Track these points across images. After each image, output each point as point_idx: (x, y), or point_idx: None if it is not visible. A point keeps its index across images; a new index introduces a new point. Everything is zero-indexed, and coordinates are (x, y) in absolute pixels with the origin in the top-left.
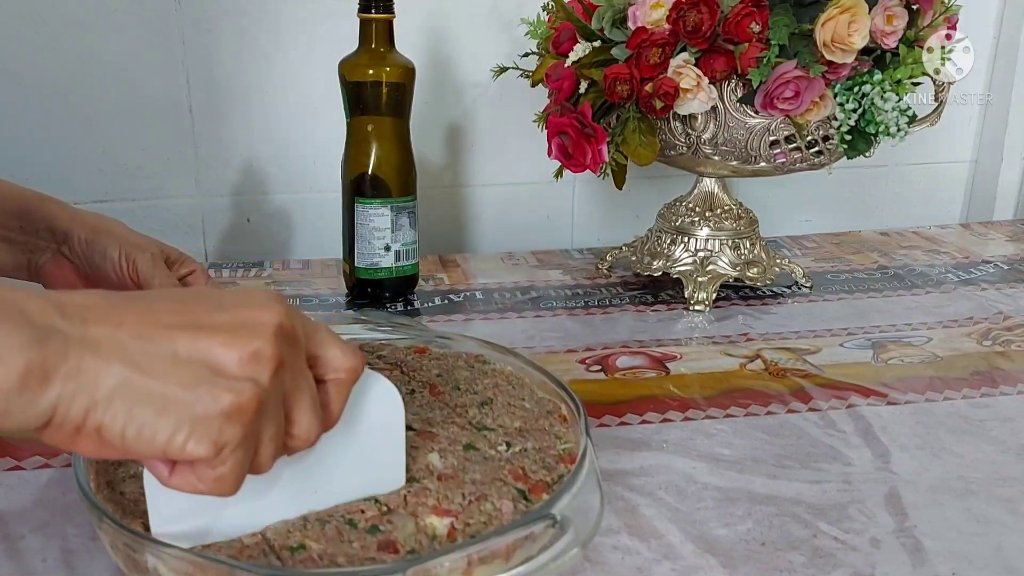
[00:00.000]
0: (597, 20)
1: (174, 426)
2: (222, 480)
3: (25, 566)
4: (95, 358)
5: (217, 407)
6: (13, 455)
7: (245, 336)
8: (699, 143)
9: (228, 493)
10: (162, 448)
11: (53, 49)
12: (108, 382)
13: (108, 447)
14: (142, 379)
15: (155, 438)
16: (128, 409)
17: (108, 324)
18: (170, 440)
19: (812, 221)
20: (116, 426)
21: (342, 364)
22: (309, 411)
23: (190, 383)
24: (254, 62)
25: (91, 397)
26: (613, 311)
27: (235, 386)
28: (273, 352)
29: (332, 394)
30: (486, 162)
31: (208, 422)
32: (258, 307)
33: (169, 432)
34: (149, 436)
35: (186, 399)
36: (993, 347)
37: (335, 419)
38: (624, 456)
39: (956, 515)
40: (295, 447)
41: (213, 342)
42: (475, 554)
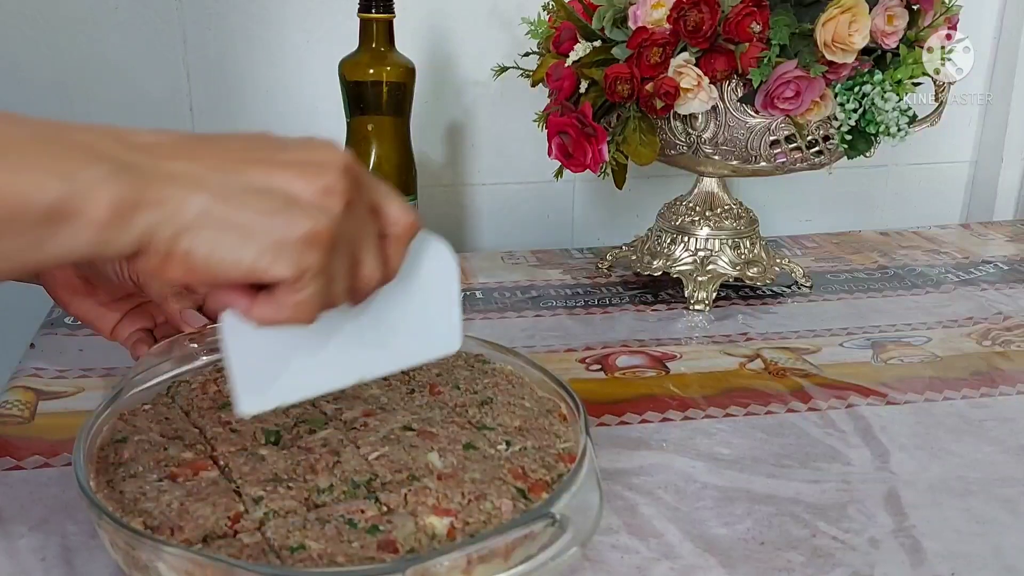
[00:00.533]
0: (598, 20)
1: (258, 249)
2: (301, 305)
3: (24, 564)
4: (176, 188)
5: (297, 232)
6: (13, 454)
7: (316, 171)
8: (699, 143)
9: (307, 320)
10: (248, 269)
11: (54, 47)
12: (191, 210)
13: (195, 272)
14: (223, 207)
15: (241, 260)
16: (213, 235)
17: (184, 159)
18: (255, 262)
19: (812, 221)
20: (203, 250)
21: (400, 219)
22: (373, 254)
23: (268, 211)
24: (255, 61)
25: (178, 224)
26: (613, 310)
27: (312, 213)
28: (344, 187)
29: (391, 247)
30: (486, 161)
31: (289, 246)
32: (326, 148)
33: (253, 255)
34: (234, 260)
35: (267, 224)
36: (993, 347)
37: (393, 272)
38: (624, 455)
39: (955, 515)
40: (360, 289)
41: (287, 175)
42: (475, 553)
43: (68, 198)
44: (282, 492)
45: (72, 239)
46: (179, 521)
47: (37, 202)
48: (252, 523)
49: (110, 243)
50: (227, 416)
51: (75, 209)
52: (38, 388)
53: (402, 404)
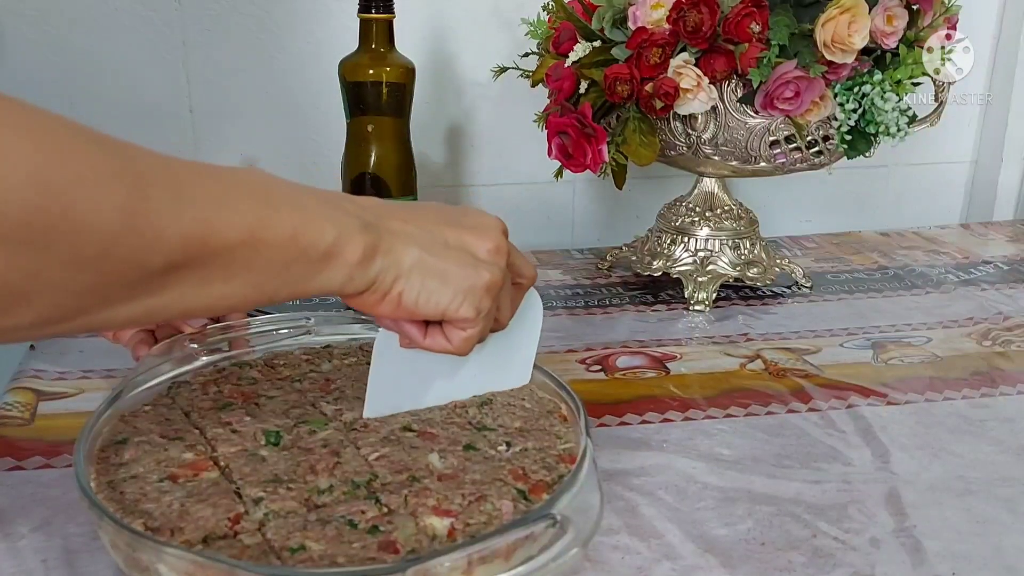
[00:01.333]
0: (597, 20)
1: (452, 294)
2: (468, 340)
3: (26, 565)
4: (398, 242)
5: (481, 282)
6: (14, 455)
7: (488, 233)
8: (699, 143)
9: (466, 352)
10: (443, 310)
11: (54, 49)
12: (409, 259)
13: (402, 309)
14: (431, 258)
15: (439, 303)
16: (421, 280)
17: (398, 219)
18: (449, 304)
19: (812, 221)
20: (413, 293)
21: (527, 272)
22: (509, 302)
23: (462, 263)
24: (254, 62)
25: (398, 270)
26: (613, 311)
27: (490, 268)
28: (506, 248)
29: (517, 294)
30: (486, 162)
31: (475, 293)
32: (486, 216)
33: (449, 298)
34: (435, 301)
35: (461, 275)
36: (993, 347)
37: (511, 316)
38: (624, 456)
39: (956, 515)
40: (496, 328)
41: (471, 236)
42: (475, 554)
43: (340, 242)
44: (282, 493)
45: (332, 275)
46: (179, 522)
47: (321, 243)
48: (252, 524)
49: (354, 280)
50: (227, 417)
51: (341, 251)
52: (39, 389)
53: None
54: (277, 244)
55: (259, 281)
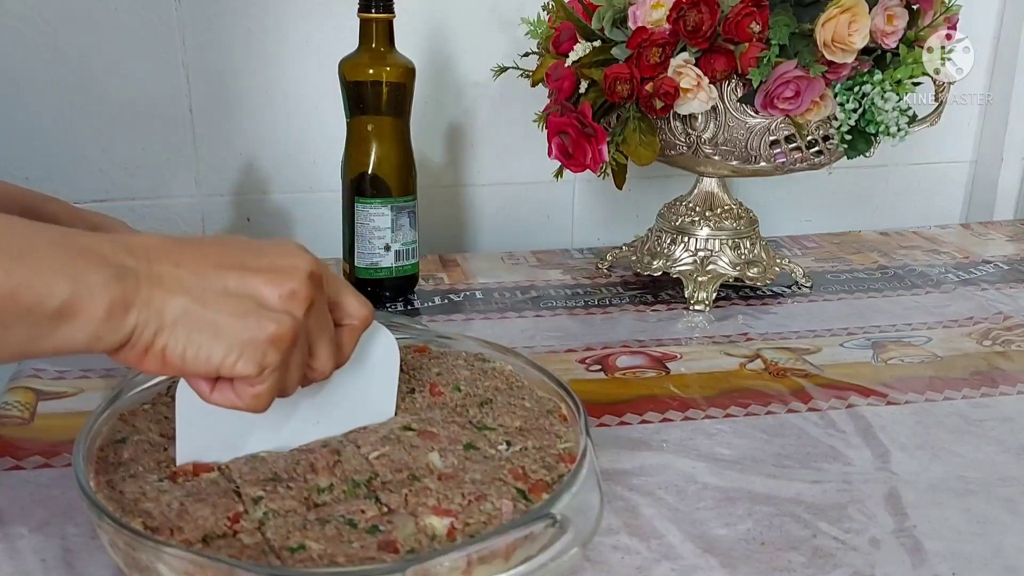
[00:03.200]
0: (597, 20)
1: (226, 349)
2: (259, 397)
3: (25, 565)
4: (162, 291)
5: (263, 334)
6: (13, 455)
7: (284, 277)
8: (699, 143)
9: (261, 409)
10: (216, 367)
11: (53, 49)
12: (173, 311)
13: (169, 366)
14: (200, 309)
15: (210, 359)
16: (188, 334)
17: (169, 263)
18: (223, 360)
19: (812, 221)
20: (178, 348)
21: (357, 312)
22: (328, 348)
23: (240, 313)
24: (254, 61)
25: (159, 323)
26: (613, 311)
27: (277, 317)
28: (307, 293)
29: (345, 337)
30: (486, 162)
31: (255, 346)
32: (293, 255)
33: (222, 354)
34: (205, 357)
35: (236, 327)
36: (993, 347)
37: (346, 358)
38: (624, 456)
39: (956, 515)
40: (313, 378)
41: (258, 280)
42: (475, 554)
43: (75, 299)
44: (282, 492)
45: (73, 334)
46: (179, 521)
47: (50, 301)
48: (252, 523)
49: (103, 338)
50: None
51: (78, 308)
52: (38, 389)
53: (403, 404)
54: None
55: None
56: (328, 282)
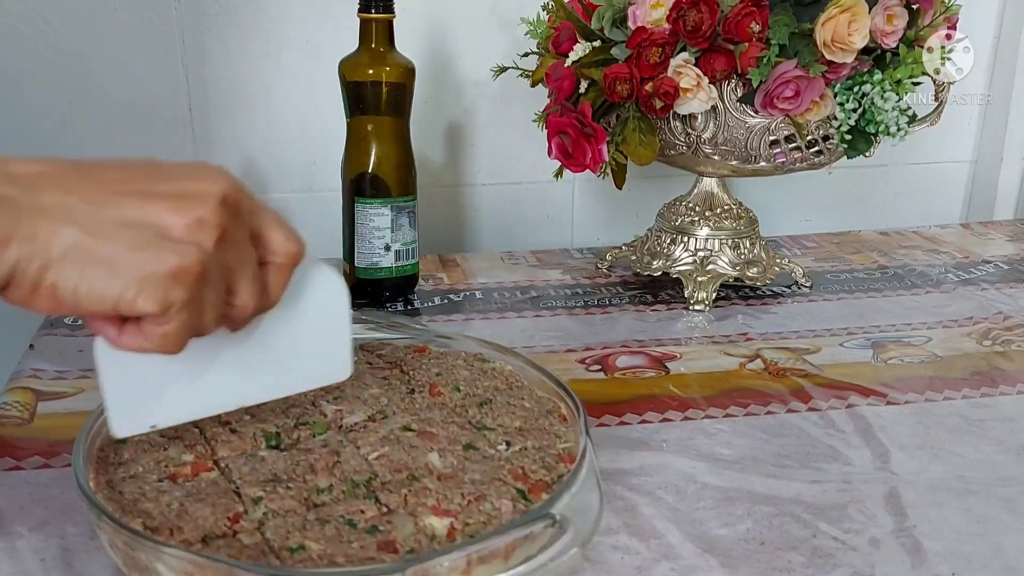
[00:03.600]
0: (597, 20)
1: (123, 284)
2: (167, 337)
3: (24, 565)
4: (47, 222)
5: (164, 267)
6: (13, 455)
7: (190, 203)
8: (699, 143)
9: (173, 350)
10: (112, 304)
11: (53, 48)
12: (60, 244)
13: (63, 304)
14: (92, 241)
15: (105, 295)
16: (80, 269)
17: (58, 191)
18: (120, 297)
19: (812, 221)
20: (69, 284)
21: (283, 248)
22: (248, 283)
23: (137, 245)
24: (254, 61)
25: (45, 258)
26: (613, 311)
27: (180, 249)
28: (217, 220)
29: (272, 276)
30: (486, 161)
31: (155, 281)
32: (204, 178)
33: (119, 290)
34: (99, 293)
35: (134, 260)
36: (993, 347)
37: (274, 301)
38: (624, 456)
39: (956, 515)
40: (235, 317)
41: (160, 208)
42: (474, 554)
43: None
44: (281, 492)
45: None
46: (178, 521)
47: None
48: (251, 523)
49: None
50: (227, 416)
51: None
52: (38, 389)
53: (402, 404)
54: None
55: None
56: (250, 211)
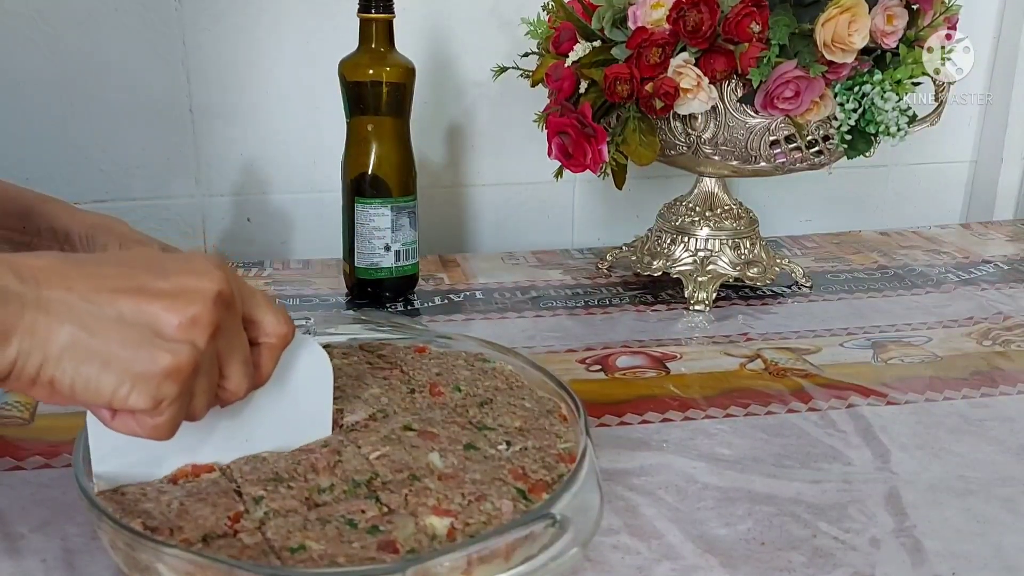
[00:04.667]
0: (597, 20)
1: (117, 382)
2: (159, 428)
3: (25, 565)
4: (47, 318)
5: (157, 367)
6: (13, 455)
7: (185, 302)
8: (699, 143)
9: (164, 438)
10: (107, 400)
11: (53, 48)
12: (59, 340)
13: (59, 396)
14: (88, 339)
15: (100, 391)
16: (76, 365)
17: (60, 287)
18: (114, 393)
19: (812, 221)
20: (66, 380)
21: (274, 330)
22: (240, 370)
23: (132, 344)
24: (254, 62)
25: (44, 354)
26: (613, 311)
27: (174, 348)
28: (211, 318)
29: (263, 356)
30: (486, 162)
31: (148, 379)
32: (199, 274)
33: (113, 387)
34: (95, 389)
35: (128, 358)
36: (993, 347)
37: (265, 378)
38: (624, 456)
39: (956, 515)
40: (227, 400)
41: (155, 307)
42: (475, 554)
43: None
44: (283, 492)
45: None
46: (179, 521)
47: None
48: (252, 523)
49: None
50: None
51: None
52: None
53: (403, 404)
54: None
55: None
56: (243, 299)
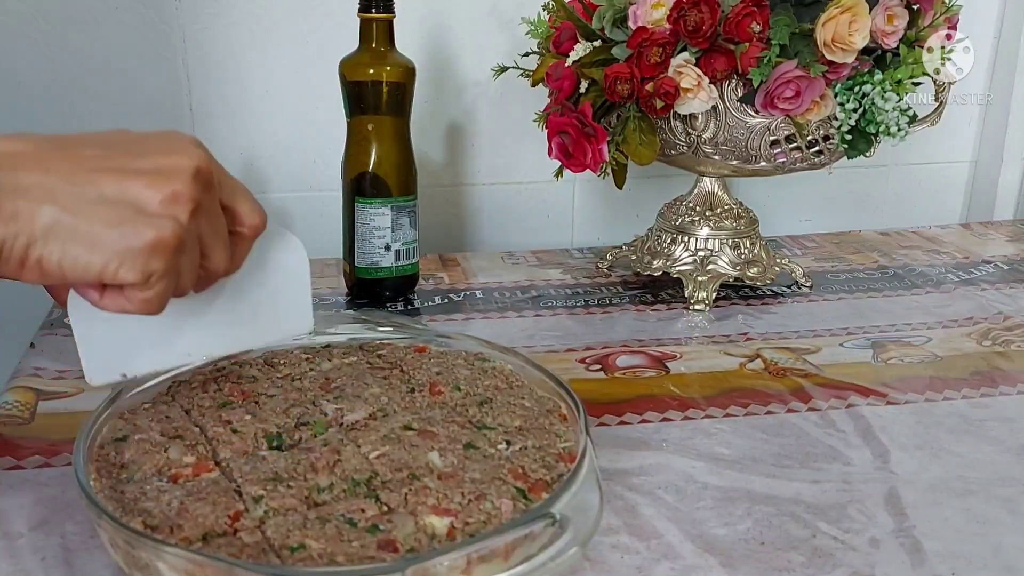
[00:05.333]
0: (598, 20)
1: (105, 258)
2: (150, 302)
3: (24, 564)
4: (27, 202)
5: (142, 242)
6: (13, 454)
7: (166, 179)
8: (699, 143)
9: (155, 312)
10: (96, 276)
11: (54, 47)
12: (42, 222)
13: (50, 276)
14: (72, 219)
15: (89, 268)
16: (62, 245)
17: (38, 170)
18: (103, 270)
19: (812, 221)
20: (53, 259)
21: (247, 220)
22: (222, 248)
23: (116, 221)
24: (254, 61)
25: (29, 236)
26: (613, 310)
27: (157, 223)
28: (191, 194)
29: (235, 246)
30: (486, 161)
31: (135, 254)
32: (178, 152)
33: (101, 263)
34: (83, 267)
35: (114, 235)
36: (993, 347)
37: (237, 266)
38: (624, 455)
39: (955, 515)
40: (206, 279)
41: (137, 184)
42: (475, 553)
43: None
44: (282, 491)
45: None
46: (179, 520)
47: None
48: (252, 522)
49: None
50: (228, 415)
51: None
52: (38, 388)
53: (403, 403)
54: None
55: None
56: (221, 183)
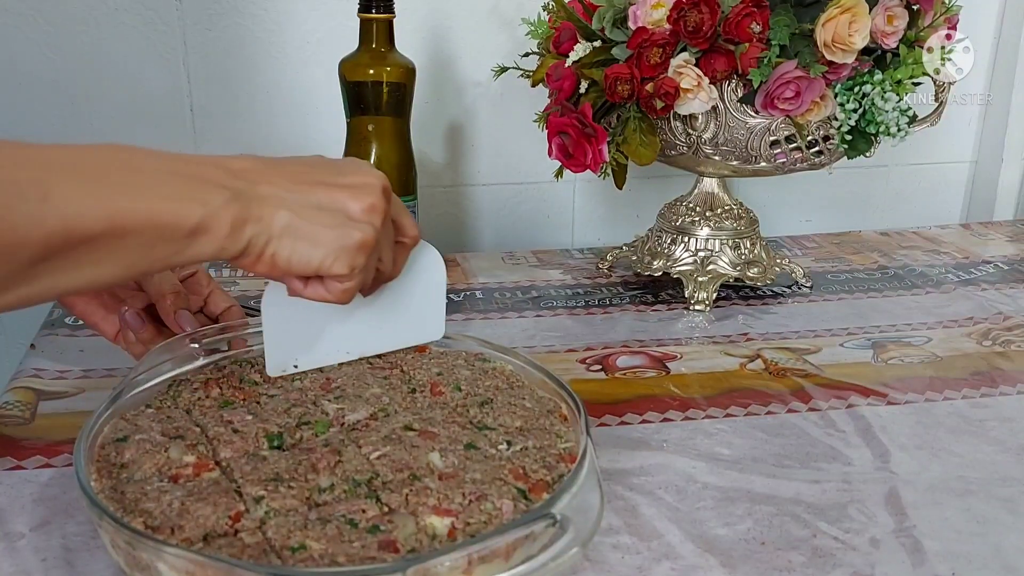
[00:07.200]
0: (598, 20)
1: (324, 254)
2: (347, 291)
3: (25, 565)
4: (268, 207)
5: (352, 241)
6: (14, 454)
7: (364, 192)
8: (699, 143)
9: (347, 301)
10: (316, 268)
11: (54, 47)
12: (279, 223)
13: (278, 268)
14: (300, 221)
15: (311, 262)
16: (292, 242)
17: (267, 183)
18: (322, 263)
19: (812, 221)
20: (284, 254)
21: (409, 232)
22: (391, 256)
23: (333, 224)
24: (255, 61)
25: (269, 235)
26: (613, 311)
27: (362, 227)
28: (382, 206)
29: (398, 253)
30: (486, 161)
31: (347, 251)
32: (367, 173)
33: (321, 257)
34: (306, 260)
35: (332, 236)
36: (993, 347)
37: (398, 272)
38: (624, 455)
39: (955, 515)
40: (380, 279)
41: (342, 195)
42: (475, 553)
43: (205, 220)
44: (283, 491)
45: (203, 247)
46: (180, 520)
47: (185, 223)
48: (253, 522)
49: (227, 249)
50: (228, 415)
51: (208, 227)
52: (39, 388)
53: (403, 404)
54: (139, 230)
55: (128, 262)
56: (392, 200)
